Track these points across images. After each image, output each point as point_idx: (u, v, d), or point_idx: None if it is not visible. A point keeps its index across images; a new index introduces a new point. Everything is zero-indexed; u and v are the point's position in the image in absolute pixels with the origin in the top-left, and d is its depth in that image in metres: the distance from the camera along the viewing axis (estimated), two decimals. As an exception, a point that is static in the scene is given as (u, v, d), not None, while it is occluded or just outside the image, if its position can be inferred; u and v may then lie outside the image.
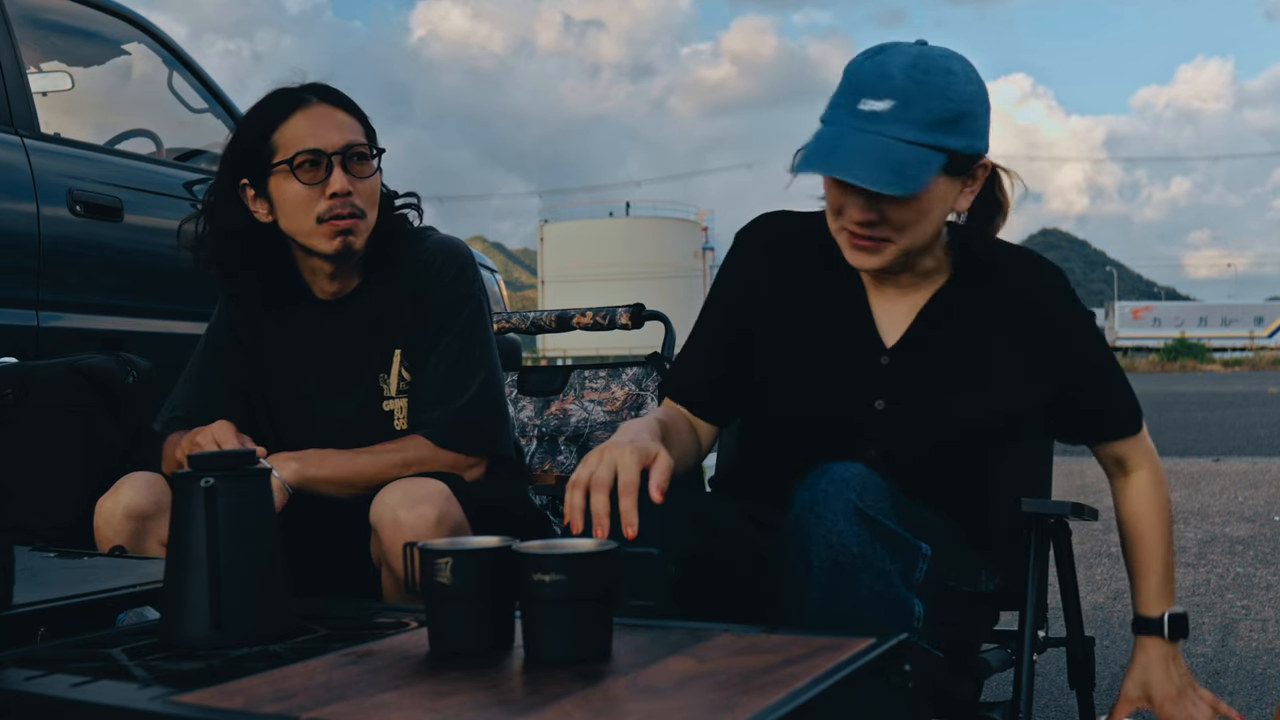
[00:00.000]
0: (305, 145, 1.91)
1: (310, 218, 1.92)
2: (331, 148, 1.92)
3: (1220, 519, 5.64)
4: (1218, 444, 9.99)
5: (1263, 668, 3.08)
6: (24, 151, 3.37)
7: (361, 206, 1.94)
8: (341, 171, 1.92)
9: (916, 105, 1.54)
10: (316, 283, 2.03)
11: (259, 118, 1.96)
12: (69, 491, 2.34)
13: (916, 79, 1.55)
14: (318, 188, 1.92)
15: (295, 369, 2.06)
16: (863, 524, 1.42)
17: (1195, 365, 43.03)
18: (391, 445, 1.94)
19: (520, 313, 2.87)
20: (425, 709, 0.99)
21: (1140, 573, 1.82)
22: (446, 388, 1.96)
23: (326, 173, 1.92)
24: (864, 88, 1.57)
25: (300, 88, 1.97)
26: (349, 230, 1.93)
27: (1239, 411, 14.91)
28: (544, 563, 1.13)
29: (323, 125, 1.93)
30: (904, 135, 1.54)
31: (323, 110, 1.95)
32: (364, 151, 1.96)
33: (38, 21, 3.87)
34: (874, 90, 1.56)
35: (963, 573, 1.71)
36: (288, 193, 1.93)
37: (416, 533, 1.71)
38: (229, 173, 1.98)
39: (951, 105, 1.55)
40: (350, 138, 1.94)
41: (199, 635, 1.21)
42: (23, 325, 3.30)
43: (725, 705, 0.97)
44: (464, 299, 2.00)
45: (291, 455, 1.89)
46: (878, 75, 1.57)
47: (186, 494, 1.24)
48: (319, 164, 1.91)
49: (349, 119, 1.97)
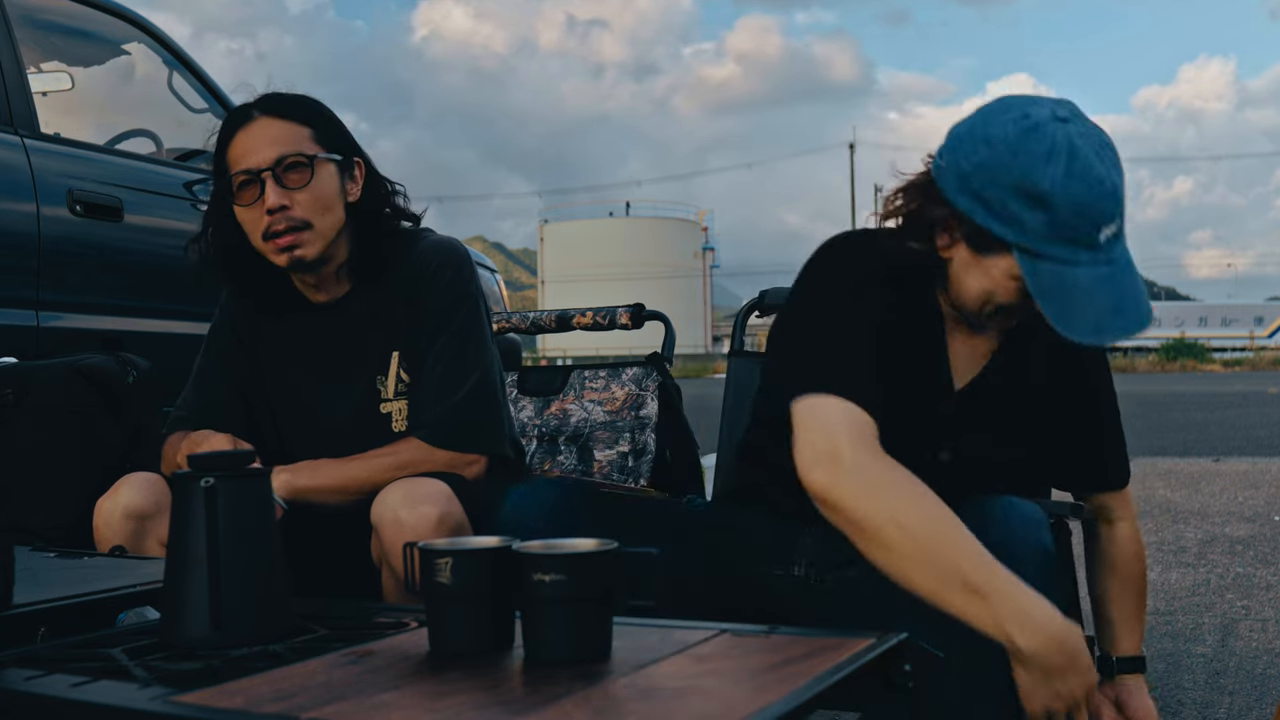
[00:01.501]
0: (239, 166, 1.93)
1: (258, 237, 1.94)
2: (262, 164, 1.91)
3: (1220, 519, 5.64)
4: (1218, 444, 9.99)
5: (1263, 668, 3.08)
6: (24, 151, 3.37)
7: (302, 217, 1.92)
8: (275, 186, 1.91)
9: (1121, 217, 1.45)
10: (306, 291, 2.05)
11: (218, 140, 1.99)
12: (69, 491, 2.34)
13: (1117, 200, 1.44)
14: (257, 206, 1.92)
15: (295, 371, 2.07)
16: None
17: (1195, 365, 43.04)
18: (385, 449, 1.93)
19: (520, 313, 2.87)
20: (425, 709, 0.99)
21: (1131, 614, 1.81)
22: (442, 387, 1.96)
23: (259, 193, 1.92)
24: (1101, 211, 1.43)
25: (248, 103, 1.98)
26: (292, 245, 1.93)
27: (1239, 411, 14.91)
28: (544, 563, 1.13)
29: (256, 142, 1.93)
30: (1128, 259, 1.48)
31: (261, 125, 1.94)
32: (298, 160, 1.93)
33: (38, 21, 3.88)
34: (1110, 213, 1.43)
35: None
36: (240, 215, 1.95)
37: (418, 532, 1.71)
38: (217, 188, 2.00)
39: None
40: (281, 150, 1.92)
41: (199, 635, 1.21)
42: (23, 325, 3.30)
43: (725, 705, 0.97)
44: (461, 299, 2.00)
45: (283, 468, 1.88)
46: (1109, 192, 1.43)
47: (186, 494, 1.24)
48: (253, 183, 1.92)
49: (289, 128, 1.94)
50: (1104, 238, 1.43)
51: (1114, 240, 1.44)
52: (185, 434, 2.01)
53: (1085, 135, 1.44)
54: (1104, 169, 1.42)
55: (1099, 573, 1.84)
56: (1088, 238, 1.43)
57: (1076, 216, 1.42)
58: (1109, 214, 1.42)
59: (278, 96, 1.98)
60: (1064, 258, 1.43)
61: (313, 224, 1.93)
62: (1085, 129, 1.45)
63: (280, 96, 1.98)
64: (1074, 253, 1.43)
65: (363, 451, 1.93)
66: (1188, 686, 2.93)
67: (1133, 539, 1.82)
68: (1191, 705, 2.78)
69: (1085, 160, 1.42)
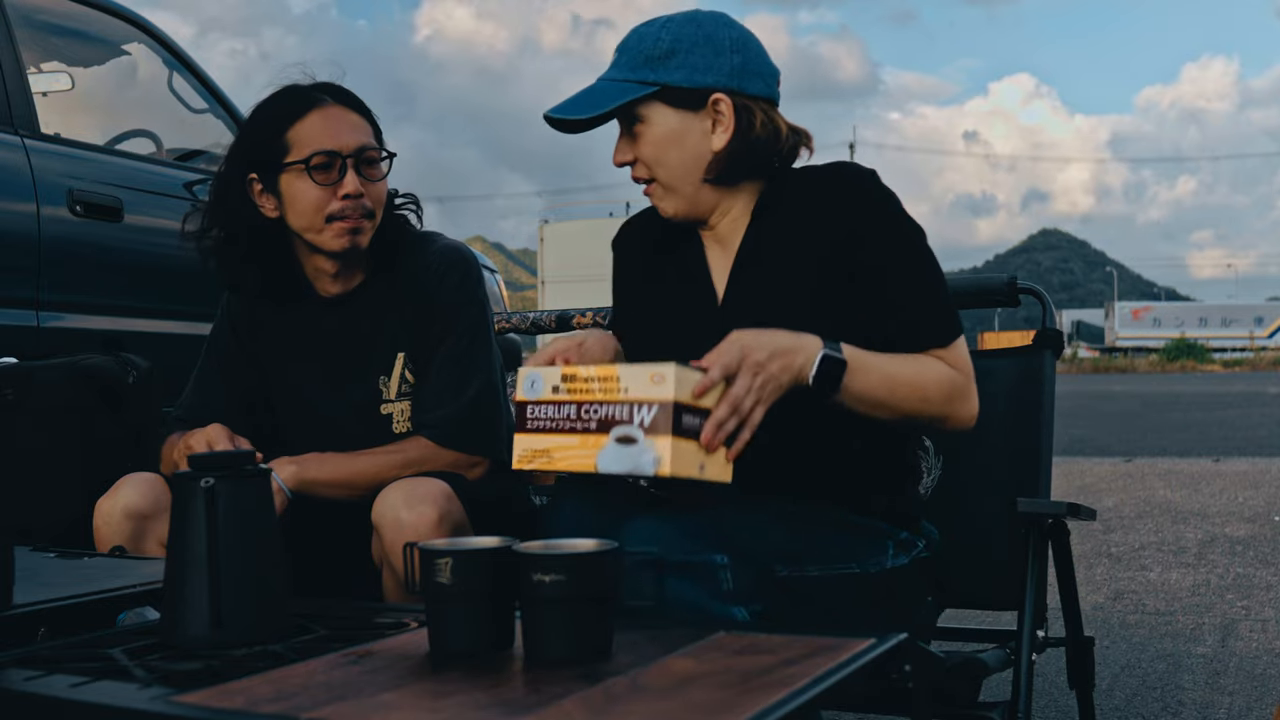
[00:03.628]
0: (321, 146, 1.93)
1: (320, 217, 1.94)
2: (346, 149, 1.94)
3: (1220, 519, 5.65)
4: (1218, 444, 10.00)
5: (1263, 668, 3.08)
6: (24, 151, 3.37)
7: (371, 208, 1.97)
8: (354, 174, 1.94)
9: (629, 53, 1.69)
10: (319, 281, 2.04)
11: (273, 114, 1.97)
12: (69, 491, 2.33)
13: (636, 34, 1.71)
14: (330, 189, 1.93)
15: (296, 367, 2.07)
16: (646, 572, 1.46)
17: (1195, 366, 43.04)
18: (393, 446, 1.94)
19: (520, 313, 2.87)
20: (425, 709, 0.99)
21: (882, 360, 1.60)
22: (448, 389, 1.97)
23: (340, 174, 1.93)
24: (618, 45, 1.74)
25: (313, 86, 1.99)
26: (357, 230, 1.95)
27: (1239, 411, 14.91)
28: (544, 563, 1.13)
29: (338, 126, 1.95)
30: (612, 77, 1.69)
31: (337, 111, 1.96)
32: (375, 155, 1.98)
33: (38, 21, 3.88)
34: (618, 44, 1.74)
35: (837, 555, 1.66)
36: (300, 192, 1.94)
37: (418, 532, 1.71)
38: (238, 166, 1.98)
39: (660, 45, 1.67)
40: (364, 140, 1.96)
41: (199, 635, 1.21)
42: (23, 325, 3.30)
43: (725, 705, 0.97)
44: (468, 303, 2.01)
45: (290, 459, 1.89)
46: (633, 33, 1.73)
47: (186, 494, 1.24)
48: (333, 165, 1.93)
49: (361, 121, 1.99)
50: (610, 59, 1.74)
51: (604, 75, 1.72)
52: (182, 434, 2.01)
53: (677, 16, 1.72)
54: (655, 21, 1.72)
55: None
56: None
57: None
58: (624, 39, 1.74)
59: (343, 89, 2.00)
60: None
61: (374, 216, 1.98)
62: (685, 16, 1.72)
63: (345, 90, 2.00)
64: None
65: (363, 449, 1.93)
66: (1188, 686, 2.93)
67: (945, 374, 1.64)
68: (1191, 705, 2.78)
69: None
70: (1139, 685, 2.95)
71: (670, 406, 1.38)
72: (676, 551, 1.48)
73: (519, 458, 1.47)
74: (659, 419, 1.38)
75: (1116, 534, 5.28)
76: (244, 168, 1.97)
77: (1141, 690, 2.91)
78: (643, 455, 1.38)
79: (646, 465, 1.38)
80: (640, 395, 1.40)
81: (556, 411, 1.45)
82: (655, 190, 1.74)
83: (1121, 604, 3.90)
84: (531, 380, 1.47)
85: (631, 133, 1.71)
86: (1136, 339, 61.34)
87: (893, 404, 1.60)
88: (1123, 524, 5.56)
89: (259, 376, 2.10)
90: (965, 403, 1.66)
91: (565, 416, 1.44)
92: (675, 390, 1.38)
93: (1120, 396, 19.77)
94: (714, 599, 1.48)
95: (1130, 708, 2.77)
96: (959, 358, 1.67)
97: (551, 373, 1.46)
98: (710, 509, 1.56)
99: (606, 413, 1.41)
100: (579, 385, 1.44)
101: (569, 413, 1.44)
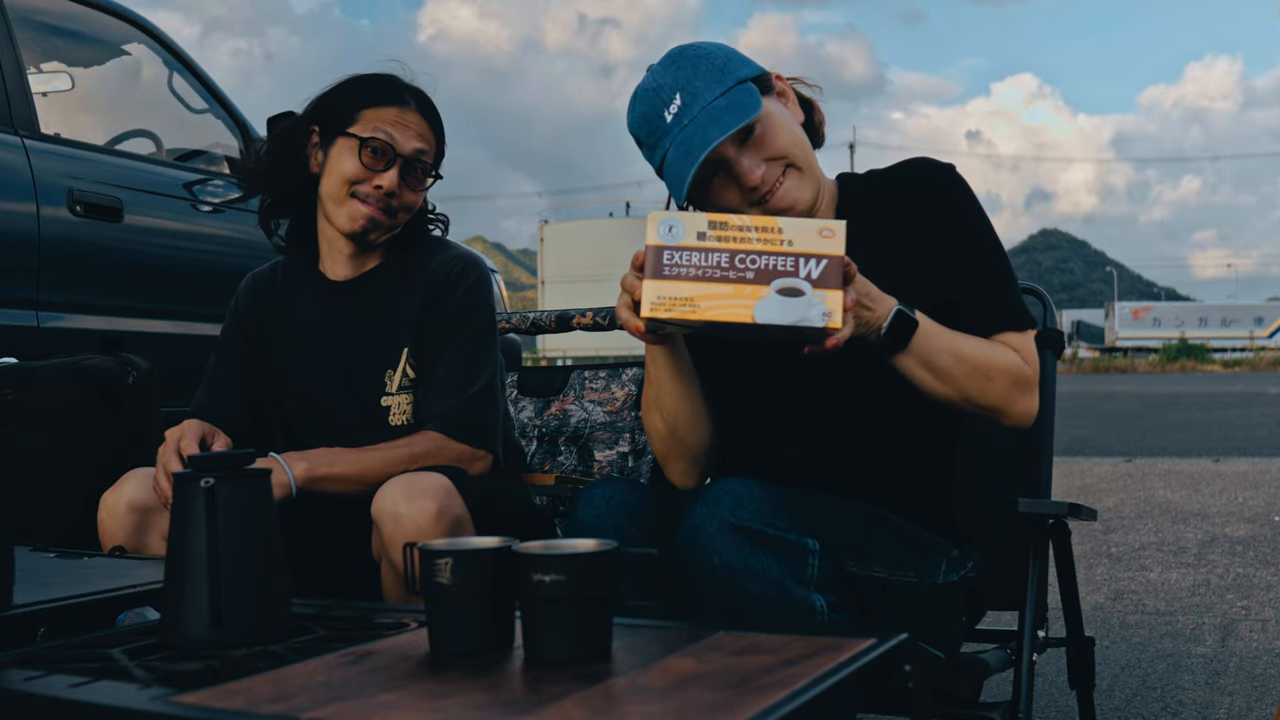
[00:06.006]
0: (384, 130, 1.99)
1: (346, 190, 2.00)
2: (403, 149, 2.00)
3: (1220, 519, 5.64)
4: (1218, 444, 9.99)
5: (1263, 668, 3.08)
6: (24, 151, 3.37)
7: (396, 209, 2.02)
8: (397, 173, 2.00)
9: (702, 76, 1.65)
10: (331, 259, 2.09)
11: (363, 90, 2.04)
12: (69, 491, 2.33)
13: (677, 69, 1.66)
14: (371, 173, 1.99)
15: (302, 356, 2.10)
16: (738, 537, 1.46)
17: (1195, 366, 43.04)
18: (400, 441, 1.96)
19: (520, 313, 2.87)
20: (425, 709, 0.99)
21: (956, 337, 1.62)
22: (457, 383, 2.00)
23: (386, 166, 1.99)
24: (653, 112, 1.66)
25: (407, 86, 2.06)
26: (373, 219, 2.01)
27: (1239, 411, 14.91)
28: (544, 563, 1.13)
29: (407, 127, 2.02)
30: (715, 92, 1.64)
31: (414, 116, 2.04)
32: (426, 165, 2.04)
33: (38, 22, 3.88)
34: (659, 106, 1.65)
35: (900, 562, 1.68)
36: (344, 161, 2.01)
37: (417, 526, 1.71)
38: (309, 114, 2.07)
39: (714, 60, 1.67)
40: (421, 147, 2.03)
41: (199, 635, 1.21)
42: (23, 325, 3.30)
43: (725, 705, 0.97)
44: (480, 305, 2.06)
45: (300, 455, 1.89)
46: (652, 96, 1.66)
47: (186, 494, 1.24)
48: (383, 155, 1.99)
49: (431, 134, 2.06)
50: (670, 116, 1.64)
51: (686, 106, 1.64)
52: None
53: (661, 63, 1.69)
54: (650, 78, 1.67)
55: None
56: (659, 130, 1.66)
57: (643, 128, 1.68)
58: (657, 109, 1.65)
59: (430, 102, 2.08)
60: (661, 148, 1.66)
61: (395, 217, 2.04)
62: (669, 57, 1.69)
63: (432, 103, 2.08)
64: (662, 141, 1.66)
65: (358, 438, 1.95)
66: (1188, 686, 2.93)
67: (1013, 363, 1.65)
68: (1191, 705, 2.78)
69: (639, 85, 1.70)
70: (1139, 685, 2.95)
71: (840, 261, 1.34)
72: (767, 524, 1.48)
73: (654, 305, 1.38)
74: (829, 272, 1.34)
75: (1116, 534, 5.28)
76: (313, 117, 2.06)
77: (1141, 690, 2.91)
78: (811, 308, 1.33)
79: (815, 318, 1.33)
80: (807, 248, 1.34)
81: (704, 259, 1.37)
82: (792, 179, 1.69)
83: (1121, 604, 3.90)
84: (670, 225, 1.39)
85: (751, 138, 1.67)
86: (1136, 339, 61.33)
87: (956, 377, 1.60)
88: (1123, 524, 5.56)
89: (268, 372, 2.13)
90: (1026, 396, 1.66)
91: (715, 264, 1.36)
92: (845, 246, 1.35)
93: (1120, 396, 19.76)
94: (798, 582, 1.49)
95: (1130, 708, 2.77)
96: (1029, 351, 1.68)
97: (695, 217, 1.38)
98: (800, 491, 1.57)
99: (767, 263, 1.34)
100: (732, 233, 1.37)
101: (719, 260, 1.36)
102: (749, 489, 1.50)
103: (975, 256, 1.71)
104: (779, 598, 1.46)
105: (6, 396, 2.50)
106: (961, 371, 1.60)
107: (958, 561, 1.75)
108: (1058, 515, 1.88)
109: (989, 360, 1.62)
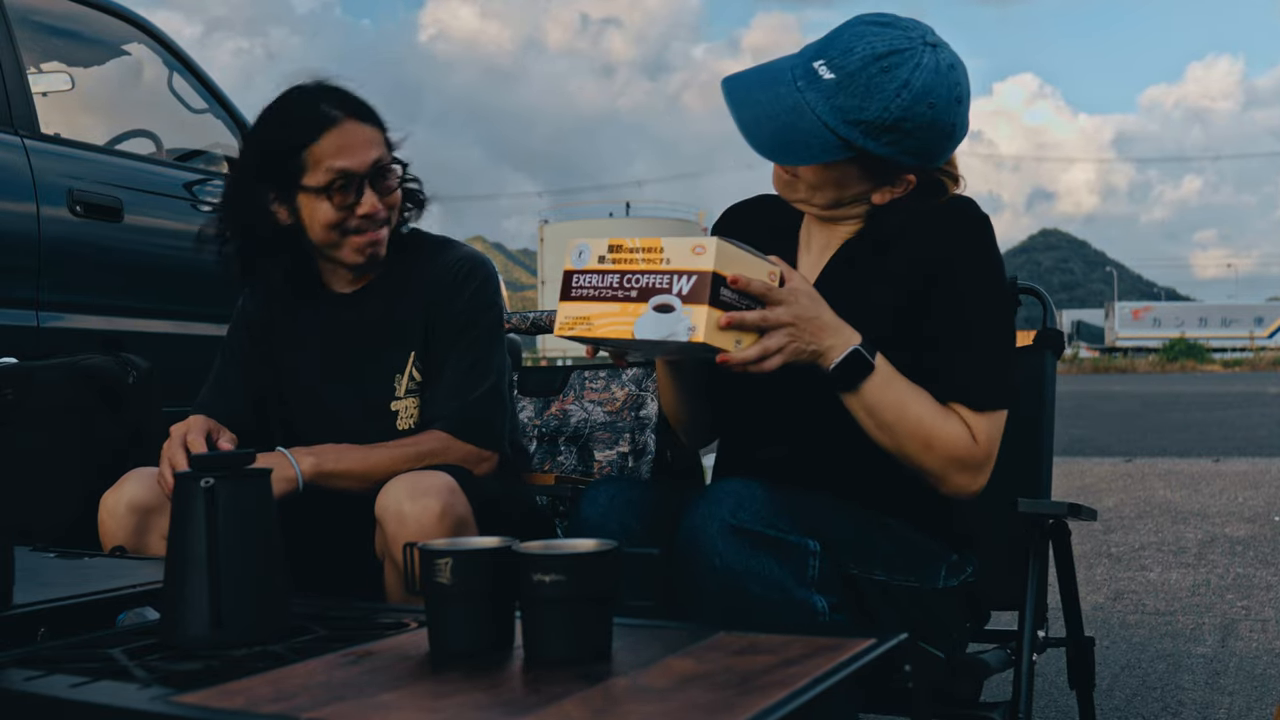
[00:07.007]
0: (337, 166, 1.93)
1: (337, 234, 1.97)
2: (362, 169, 1.95)
3: (1220, 519, 5.65)
4: (1218, 444, 9.99)
5: (1263, 668, 3.08)
6: (24, 151, 3.37)
7: (386, 218, 2.00)
8: (371, 191, 1.96)
9: (851, 95, 1.57)
10: (334, 279, 2.08)
11: (288, 131, 1.96)
12: (69, 492, 2.34)
13: (871, 73, 1.57)
14: (349, 210, 1.95)
15: (308, 361, 2.10)
16: (739, 538, 1.46)
17: (1195, 366, 43.04)
18: (407, 440, 1.96)
19: (520, 313, 2.87)
20: (425, 709, 0.99)
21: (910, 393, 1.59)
22: (463, 384, 2.00)
23: (357, 194, 1.95)
24: (831, 50, 1.60)
25: (329, 102, 1.97)
26: (374, 241, 1.99)
27: (1239, 411, 14.91)
28: (544, 563, 1.13)
29: (352, 144, 1.95)
30: (821, 113, 1.58)
31: (352, 128, 1.96)
32: (389, 166, 2.00)
33: (38, 22, 3.88)
34: (834, 58, 1.59)
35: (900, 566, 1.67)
36: (318, 211, 1.95)
37: (420, 524, 1.71)
38: (252, 178, 1.99)
39: (888, 114, 1.56)
40: (378, 154, 1.98)
41: (199, 635, 1.21)
42: (23, 325, 3.30)
43: (725, 705, 0.97)
44: (487, 306, 2.05)
45: (307, 450, 1.90)
46: (845, 48, 1.59)
47: (186, 494, 1.24)
48: (350, 186, 1.95)
49: (375, 133, 1.99)
50: (816, 68, 1.60)
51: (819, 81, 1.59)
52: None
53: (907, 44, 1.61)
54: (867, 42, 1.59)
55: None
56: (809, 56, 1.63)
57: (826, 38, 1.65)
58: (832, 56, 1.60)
59: (358, 100, 2.00)
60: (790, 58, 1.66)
61: (390, 222, 2.01)
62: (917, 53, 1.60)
63: (359, 100, 2.01)
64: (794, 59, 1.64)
65: (365, 441, 1.95)
66: (1188, 686, 2.93)
67: (959, 438, 1.60)
68: (1191, 705, 2.78)
69: (879, 24, 1.62)
70: (1139, 685, 2.95)
71: (709, 277, 1.39)
72: (768, 525, 1.48)
73: (561, 324, 1.48)
74: (697, 288, 1.40)
75: (1116, 534, 5.27)
76: (258, 180, 1.98)
77: (1141, 690, 2.91)
78: (678, 323, 1.40)
79: (681, 332, 1.40)
80: (681, 265, 1.41)
81: (600, 280, 1.46)
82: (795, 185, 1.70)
83: (1121, 604, 3.90)
84: (580, 250, 1.49)
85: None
86: (1136, 339, 61.34)
87: (895, 433, 1.58)
88: (1123, 524, 5.56)
89: (273, 374, 2.13)
90: (968, 475, 1.62)
91: (608, 285, 1.46)
92: (715, 261, 1.40)
93: (1120, 396, 19.77)
94: (799, 584, 1.49)
95: (1130, 708, 2.77)
96: (985, 432, 1.61)
97: (599, 243, 1.48)
98: (800, 492, 1.57)
99: (647, 281, 1.42)
100: (624, 255, 1.46)
101: (612, 281, 1.45)
102: (750, 490, 1.50)
103: (965, 313, 1.64)
104: (780, 599, 1.46)
105: (6, 396, 2.50)
106: (903, 430, 1.58)
107: (957, 566, 1.74)
108: (1057, 515, 1.88)
109: (932, 429, 1.58)
